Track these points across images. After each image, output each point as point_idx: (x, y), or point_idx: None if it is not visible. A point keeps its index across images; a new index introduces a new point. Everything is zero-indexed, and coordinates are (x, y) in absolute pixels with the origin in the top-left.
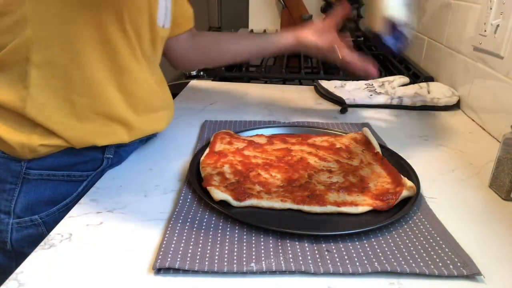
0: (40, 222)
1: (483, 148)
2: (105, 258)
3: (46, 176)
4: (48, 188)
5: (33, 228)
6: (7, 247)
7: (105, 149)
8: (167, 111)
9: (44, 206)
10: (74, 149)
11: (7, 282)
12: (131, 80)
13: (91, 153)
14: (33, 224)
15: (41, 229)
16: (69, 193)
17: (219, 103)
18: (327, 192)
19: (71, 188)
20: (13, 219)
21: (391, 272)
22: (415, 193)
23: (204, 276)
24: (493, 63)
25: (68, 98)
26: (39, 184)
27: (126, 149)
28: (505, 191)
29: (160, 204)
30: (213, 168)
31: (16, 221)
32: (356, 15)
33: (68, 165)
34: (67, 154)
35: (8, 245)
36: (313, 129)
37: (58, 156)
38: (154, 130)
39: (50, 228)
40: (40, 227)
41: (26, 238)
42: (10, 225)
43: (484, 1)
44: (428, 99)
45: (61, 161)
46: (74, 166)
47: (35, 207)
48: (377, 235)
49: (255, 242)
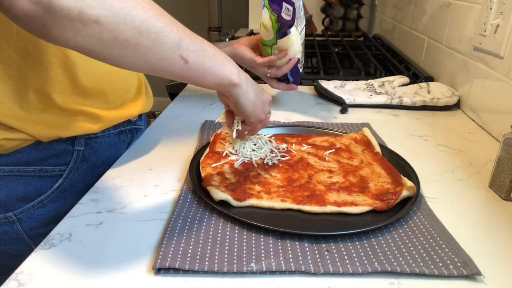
0: (14, 219)
1: (483, 148)
2: (105, 258)
3: (17, 171)
4: (20, 184)
5: (7, 225)
6: None
7: (74, 141)
8: (140, 99)
9: (18, 202)
10: (42, 142)
11: (7, 282)
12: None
13: (60, 145)
14: (8, 221)
15: (16, 226)
16: (43, 190)
17: (219, 103)
18: (327, 192)
19: (45, 184)
20: None
21: (391, 272)
22: (415, 193)
23: (204, 276)
24: (493, 63)
25: (23, 95)
26: (10, 180)
27: (99, 141)
28: (505, 191)
29: (160, 204)
30: (213, 168)
31: None
32: (356, 15)
33: (38, 159)
34: (35, 148)
35: None
36: (313, 129)
37: (27, 151)
38: (124, 117)
39: (26, 225)
40: (15, 224)
41: (1, 235)
42: None
43: (484, 1)
44: (428, 99)
45: (30, 156)
46: (45, 161)
47: (8, 204)
48: (377, 235)
49: (255, 242)
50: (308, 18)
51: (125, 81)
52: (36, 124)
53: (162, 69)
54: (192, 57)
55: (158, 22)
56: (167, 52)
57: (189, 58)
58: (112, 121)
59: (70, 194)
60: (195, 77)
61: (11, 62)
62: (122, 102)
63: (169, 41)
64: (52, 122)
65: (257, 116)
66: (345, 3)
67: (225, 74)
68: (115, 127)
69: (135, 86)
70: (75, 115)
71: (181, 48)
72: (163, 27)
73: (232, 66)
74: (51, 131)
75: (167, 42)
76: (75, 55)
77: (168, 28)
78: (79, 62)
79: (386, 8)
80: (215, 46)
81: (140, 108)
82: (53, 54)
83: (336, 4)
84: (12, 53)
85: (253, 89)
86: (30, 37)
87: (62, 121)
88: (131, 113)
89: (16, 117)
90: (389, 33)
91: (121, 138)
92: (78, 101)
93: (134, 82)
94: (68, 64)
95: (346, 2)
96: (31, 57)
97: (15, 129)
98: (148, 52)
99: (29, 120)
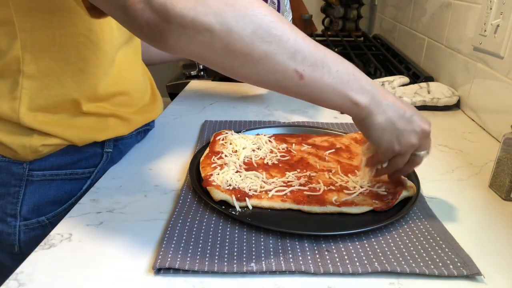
0: (47, 223)
1: (483, 148)
2: (105, 258)
3: (49, 176)
4: (52, 188)
5: (40, 230)
6: (15, 250)
7: (104, 143)
8: (157, 102)
9: (50, 206)
10: (74, 146)
11: (7, 282)
12: (121, 77)
13: (91, 149)
14: (40, 226)
15: (49, 230)
16: (73, 192)
17: (219, 103)
18: (327, 192)
19: (75, 187)
20: (20, 221)
21: (391, 272)
22: (415, 193)
23: (204, 276)
24: (493, 63)
25: (61, 103)
26: (43, 185)
27: (124, 142)
28: (505, 191)
29: (160, 204)
30: (213, 168)
31: (23, 223)
32: (356, 15)
33: (70, 163)
34: (67, 152)
35: (16, 248)
36: (313, 129)
37: (59, 155)
38: (149, 119)
39: None
40: (47, 227)
41: (33, 240)
42: (18, 227)
43: (484, 1)
44: (428, 99)
45: (62, 160)
46: (76, 164)
47: (41, 208)
48: (377, 235)
49: (255, 242)
50: (308, 18)
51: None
52: (72, 130)
53: (276, 83)
54: (308, 72)
55: (273, 30)
56: (280, 65)
57: (304, 73)
58: (139, 122)
59: None
60: (313, 95)
61: (51, 72)
62: (143, 104)
63: (283, 52)
64: (87, 126)
65: (390, 146)
66: (345, 3)
67: (346, 94)
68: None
69: (149, 88)
70: (108, 119)
71: (296, 61)
72: (277, 37)
73: (360, 85)
74: (87, 135)
75: (281, 53)
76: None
77: (284, 37)
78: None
79: (386, 8)
80: (345, 60)
81: (158, 109)
82: (92, 64)
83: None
84: (52, 63)
85: (394, 112)
86: (72, 48)
87: (97, 125)
88: (153, 115)
89: (52, 124)
90: (389, 33)
91: (138, 138)
92: (106, 106)
93: (148, 85)
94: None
95: (346, 2)
96: (70, 66)
97: (52, 135)
98: (260, 64)
99: (65, 126)
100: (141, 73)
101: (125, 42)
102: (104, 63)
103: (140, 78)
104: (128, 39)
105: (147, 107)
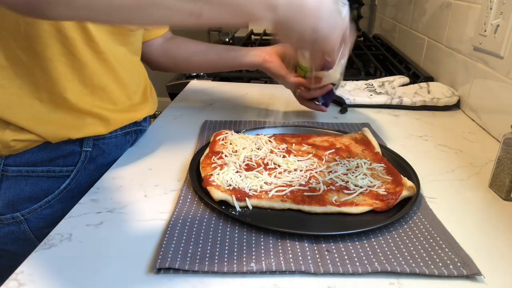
0: (22, 219)
1: (483, 148)
2: (105, 258)
3: (25, 172)
4: (28, 185)
5: (14, 225)
6: None
7: (82, 142)
8: (147, 103)
9: (25, 203)
10: (51, 143)
11: (7, 282)
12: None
13: (68, 146)
14: (15, 221)
15: (23, 227)
16: (50, 190)
17: (219, 103)
18: (327, 192)
19: (52, 185)
20: None
21: (391, 272)
22: (415, 193)
23: (204, 276)
24: (493, 63)
25: (34, 95)
26: (18, 181)
27: (106, 142)
28: (505, 191)
29: (160, 204)
30: (213, 168)
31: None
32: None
33: (47, 160)
34: (43, 149)
35: None
36: (313, 129)
37: (35, 151)
38: (131, 120)
39: (33, 225)
40: (22, 224)
41: (8, 235)
42: None
43: (484, 1)
44: (428, 99)
45: (38, 156)
46: (53, 161)
47: (16, 204)
48: (377, 235)
49: (255, 242)
50: None
51: (132, 81)
52: (46, 125)
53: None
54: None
55: None
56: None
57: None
58: (120, 123)
59: (77, 195)
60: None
61: (19, 61)
62: (130, 104)
63: None
64: (62, 123)
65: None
66: None
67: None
68: (122, 129)
69: (141, 88)
70: (85, 117)
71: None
72: None
73: None
74: (61, 132)
75: None
76: (83, 53)
77: None
78: (87, 61)
79: (386, 8)
80: None
81: (146, 111)
82: (61, 53)
83: None
84: (20, 52)
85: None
86: (37, 37)
87: (72, 122)
88: (138, 116)
89: (26, 117)
90: (389, 33)
91: (127, 139)
92: (88, 101)
93: (141, 85)
94: (76, 63)
95: None
96: (39, 56)
97: (25, 129)
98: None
99: (39, 120)
100: (133, 72)
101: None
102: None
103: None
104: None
105: (134, 107)
